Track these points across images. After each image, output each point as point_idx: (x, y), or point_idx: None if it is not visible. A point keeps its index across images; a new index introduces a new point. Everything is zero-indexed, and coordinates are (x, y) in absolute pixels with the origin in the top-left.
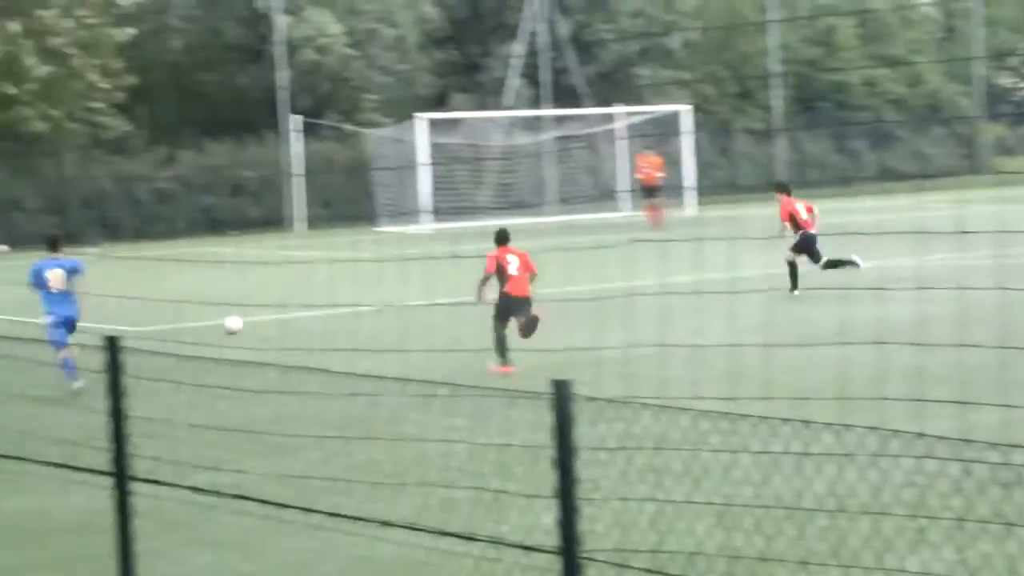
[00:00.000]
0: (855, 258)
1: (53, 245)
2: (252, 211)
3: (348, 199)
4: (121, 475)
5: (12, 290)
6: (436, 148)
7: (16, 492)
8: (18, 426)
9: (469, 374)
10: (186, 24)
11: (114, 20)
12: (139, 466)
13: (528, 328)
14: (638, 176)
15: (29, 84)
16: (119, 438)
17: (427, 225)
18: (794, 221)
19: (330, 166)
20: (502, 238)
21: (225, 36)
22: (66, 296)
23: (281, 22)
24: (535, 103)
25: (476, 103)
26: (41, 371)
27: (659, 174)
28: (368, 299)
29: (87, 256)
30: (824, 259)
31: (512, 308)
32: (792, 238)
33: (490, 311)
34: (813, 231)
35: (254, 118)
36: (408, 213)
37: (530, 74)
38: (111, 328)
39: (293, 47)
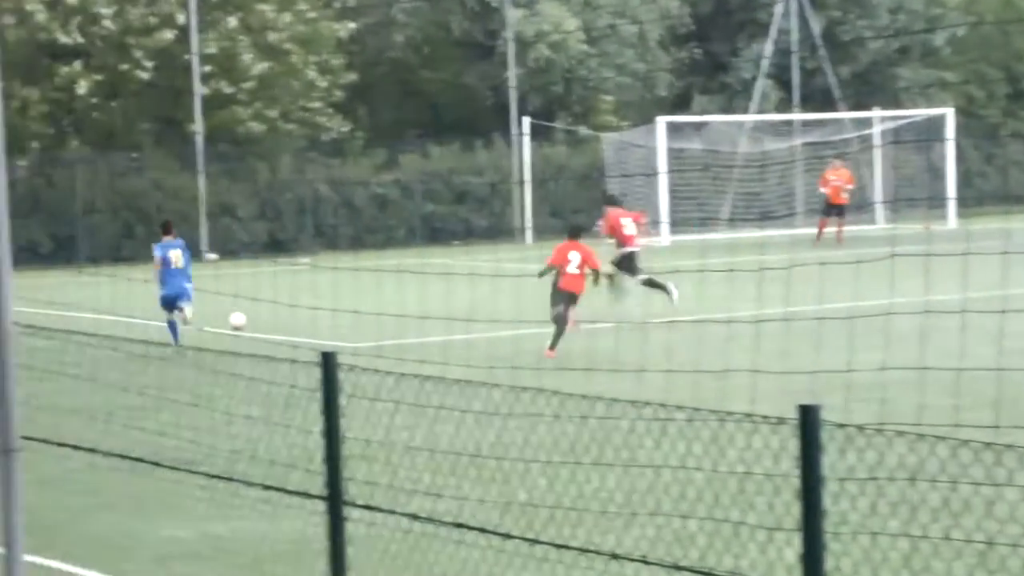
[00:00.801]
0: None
1: (166, 229)
2: (477, 220)
3: (578, 209)
4: (335, 500)
5: (220, 302)
6: (673, 154)
7: (226, 515)
8: (229, 446)
9: (709, 397)
10: (410, 18)
11: (334, 14)
12: (354, 490)
13: (557, 321)
14: (824, 190)
15: (246, 82)
16: (333, 460)
17: (664, 237)
18: None
19: (560, 172)
20: (573, 233)
21: (452, 31)
22: (181, 271)
23: (512, 16)
24: (784, 106)
25: (720, 105)
26: (252, 389)
27: (848, 188)
28: (604, 316)
29: (300, 266)
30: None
31: (556, 299)
32: None
33: (740, 336)
34: None
35: (481, 120)
36: (646, 223)
37: (779, 75)
38: (327, 344)
39: (524, 43)
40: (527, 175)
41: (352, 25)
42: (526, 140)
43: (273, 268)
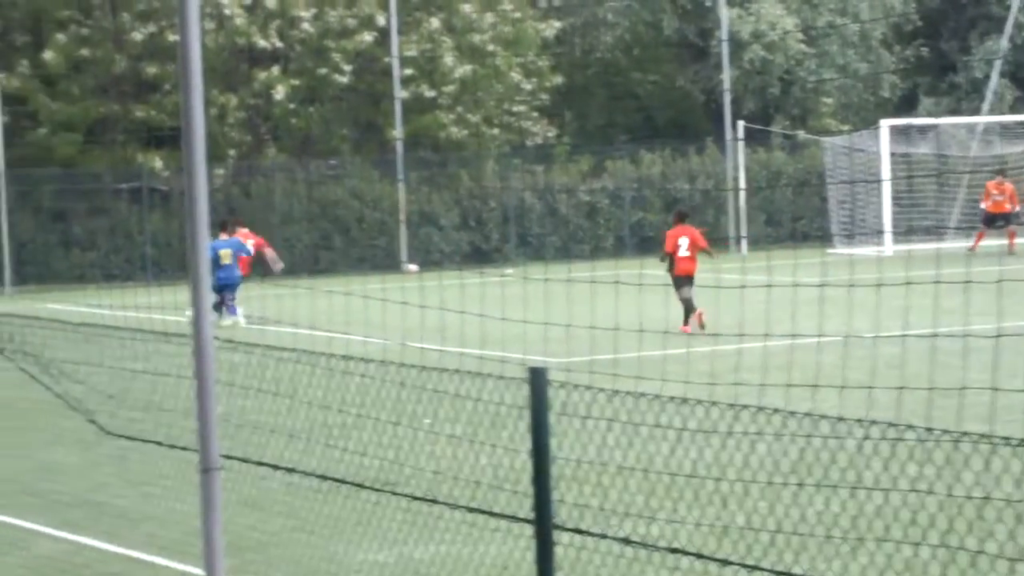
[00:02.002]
0: None
1: (223, 227)
2: None
3: (796, 216)
4: (543, 523)
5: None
6: (897, 159)
7: (428, 539)
8: (432, 466)
9: (945, 416)
10: (619, 17)
11: (539, 14)
12: (563, 513)
13: (687, 304)
14: (984, 206)
15: (447, 86)
16: (542, 481)
17: (887, 247)
18: None
19: (777, 179)
20: (680, 217)
21: (663, 31)
22: (231, 267)
23: (727, 15)
24: (1020, 106)
25: (948, 107)
26: (457, 406)
27: (1015, 208)
28: (829, 328)
29: (506, 277)
30: None
31: (678, 284)
32: None
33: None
34: None
35: (693, 124)
36: (867, 233)
37: (1015, 72)
38: (535, 359)
39: (739, 44)
40: (742, 181)
41: (558, 25)
42: (741, 145)
43: (479, 279)
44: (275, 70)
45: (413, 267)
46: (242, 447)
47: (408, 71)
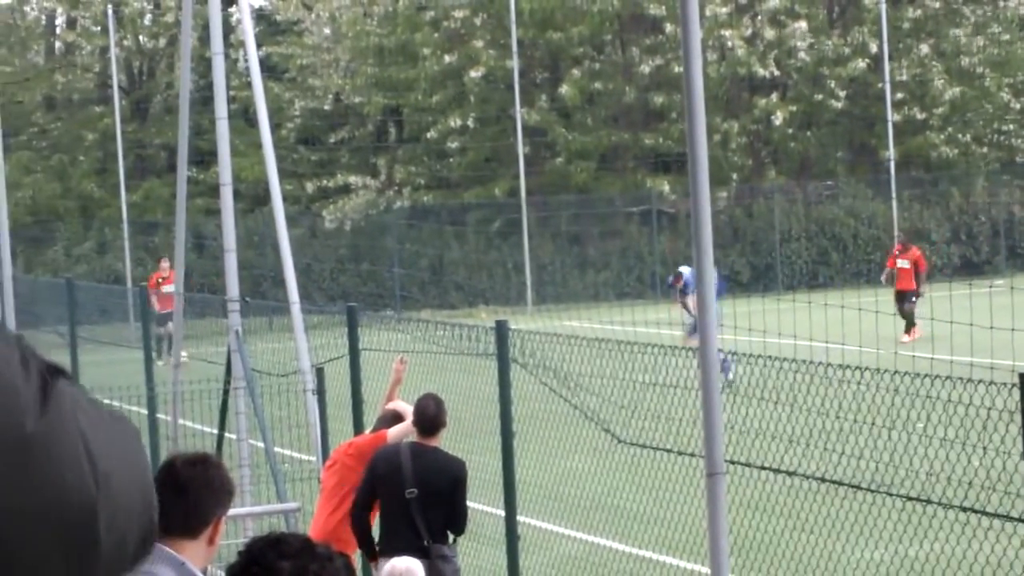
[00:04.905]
0: None
1: None
2: None
3: None
4: None
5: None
6: None
7: (924, 538)
8: (925, 468)
9: None
10: None
11: None
12: None
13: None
14: None
15: (938, 108)
16: None
17: None
18: None
19: None
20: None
21: None
22: None
23: None
24: None
25: None
26: (948, 410)
27: None
28: None
29: (996, 288)
30: None
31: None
32: None
33: None
34: None
35: None
36: None
37: None
38: (1022, 365)
39: None
40: None
41: None
42: None
43: (967, 290)
44: (774, 97)
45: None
46: (745, 452)
47: (900, 95)
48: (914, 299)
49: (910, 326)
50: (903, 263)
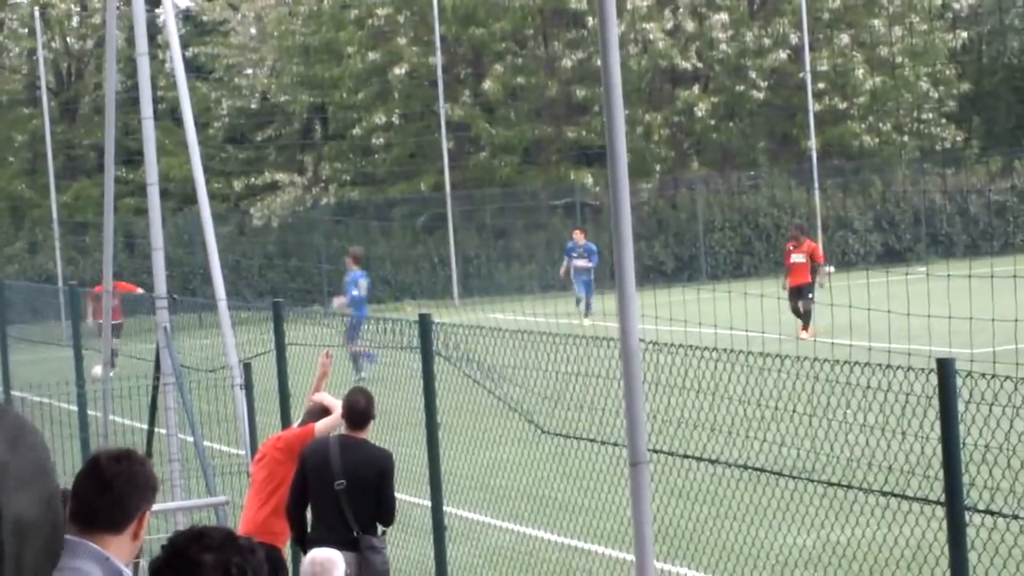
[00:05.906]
0: None
1: (356, 259)
2: None
3: None
4: (954, 505)
5: (837, 313)
6: None
7: (846, 522)
8: (847, 454)
9: None
10: None
11: (947, 24)
12: (974, 495)
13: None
14: None
15: (858, 97)
16: (952, 466)
17: None
18: None
19: None
20: None
21: None
22: (364, 299)
23: None
24: None
25: None
26: (868, 397)
27: None
28: None
29: (915, 275)
30: None
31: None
32: None
33: None
34: None
35: None
36: None
37: None
38: (942, 351)
39: None
40: None
41: (964, 35)
42: None
43: (885, 278)
44: (696, 89)
45: (829, 268)
46: (668, 441)
47: (820, 85)
48: (811, 295)
49: (807, 323)
50: (798, 257)
